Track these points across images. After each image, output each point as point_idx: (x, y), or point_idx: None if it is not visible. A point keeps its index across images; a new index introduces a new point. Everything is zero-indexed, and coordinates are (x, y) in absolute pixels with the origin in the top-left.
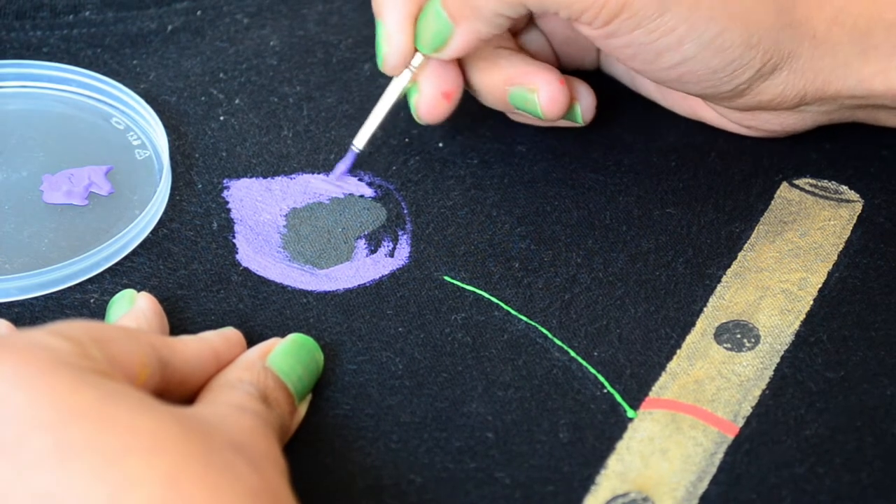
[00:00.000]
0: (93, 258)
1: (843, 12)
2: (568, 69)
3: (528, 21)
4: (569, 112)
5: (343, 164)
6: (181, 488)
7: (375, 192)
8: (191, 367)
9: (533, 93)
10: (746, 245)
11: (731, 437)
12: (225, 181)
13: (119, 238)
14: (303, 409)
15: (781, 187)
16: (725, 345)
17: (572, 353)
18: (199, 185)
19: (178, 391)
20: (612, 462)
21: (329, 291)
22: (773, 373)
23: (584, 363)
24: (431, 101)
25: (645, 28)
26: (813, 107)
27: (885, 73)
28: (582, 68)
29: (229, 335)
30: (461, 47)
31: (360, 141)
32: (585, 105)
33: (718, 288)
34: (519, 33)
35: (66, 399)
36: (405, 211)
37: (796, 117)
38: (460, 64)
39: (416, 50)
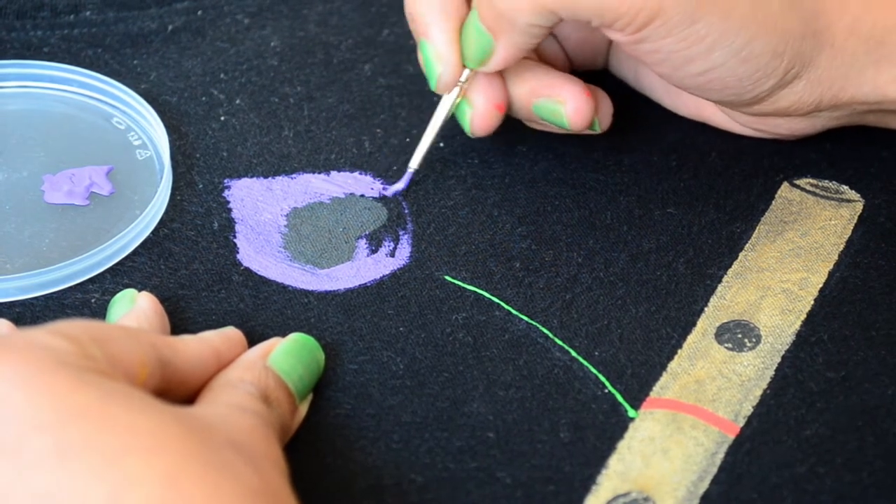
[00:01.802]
0: (93, 258)
1: (860, 21)
2: (578, 70)
3: None
4: None
5: (400, 184)
6: (181, 488)
7: (376, 191)
8: (191, 367)
9: (560, 104)
10: (747, 245)
11: (731, 436)
12: (226, 181)
13: (120, 238)
14: (304, 409)
15: (782, 187)
16: (726, 345)
17: (573, 353)
18: (200, 185)
19: (179, 390)
20: (614, 462)
21: (330, 291)
22: (773, 373)
23: (585, 363)
24: (486, 114)
25: (676, 36)
26: (825, 113)
27: None
28: (592, 69)
29: (230, 335)
30: (504, 59)
31: (416, 161)
32: (604, 113)
33: (719, 288)
34: None
35: (66, 399)
36: (406, 211)
37: (807, 122)
38: None
39: (464, 66)
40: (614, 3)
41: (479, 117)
